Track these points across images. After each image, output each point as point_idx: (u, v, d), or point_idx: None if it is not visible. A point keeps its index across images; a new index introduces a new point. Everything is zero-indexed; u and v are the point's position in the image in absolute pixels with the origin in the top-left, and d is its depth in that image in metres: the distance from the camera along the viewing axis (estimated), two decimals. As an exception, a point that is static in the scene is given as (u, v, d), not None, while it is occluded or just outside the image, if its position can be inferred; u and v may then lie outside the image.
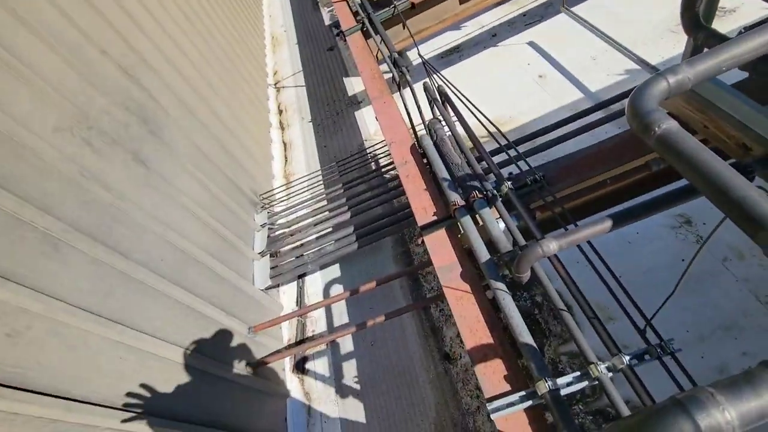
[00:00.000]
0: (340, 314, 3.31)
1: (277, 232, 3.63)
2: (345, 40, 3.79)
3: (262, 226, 3.59)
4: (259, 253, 3.36)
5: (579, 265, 1.71)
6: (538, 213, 2.08)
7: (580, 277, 1.70)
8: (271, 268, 3.25)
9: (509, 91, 4.58)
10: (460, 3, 4.25)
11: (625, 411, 1.26)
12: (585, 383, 1.35)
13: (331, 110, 5.55)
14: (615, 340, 1.43)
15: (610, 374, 1.33)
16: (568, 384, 1.37)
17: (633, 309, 1.49)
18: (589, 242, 1.75)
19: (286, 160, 4.99)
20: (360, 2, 3.95)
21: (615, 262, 2.07)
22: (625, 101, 1.08)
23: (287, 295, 3.52)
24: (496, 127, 2.39)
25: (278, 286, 3.44)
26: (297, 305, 3.40)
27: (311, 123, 5.47)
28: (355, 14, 3.88)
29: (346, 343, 3.16)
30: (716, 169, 0.72)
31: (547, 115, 4.10)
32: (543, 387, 1.34)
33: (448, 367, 2.82)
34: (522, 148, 2.87)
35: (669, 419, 0.53)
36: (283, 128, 5.57)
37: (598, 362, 1.35)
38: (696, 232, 2.99)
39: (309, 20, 7.78)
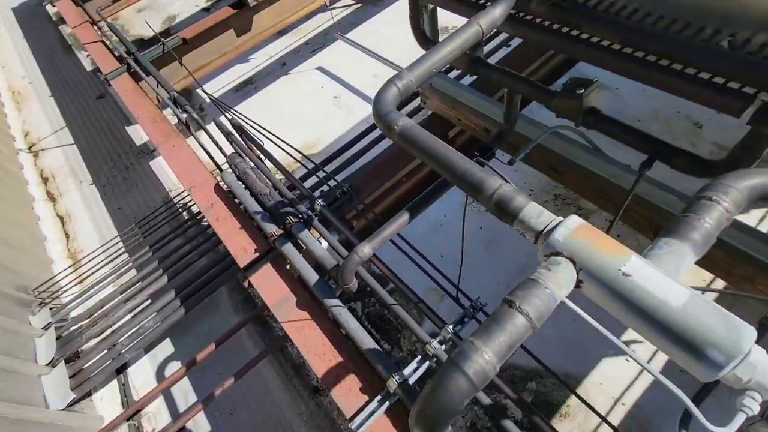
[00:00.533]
0: (185, 394, 2.81)
1: (71, 329, 2.85)
2: (110, 85, 3.28)
3: (45, 327, 2.77)
4: (48, 363, 2.57)
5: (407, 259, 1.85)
6: (354, 222, 2.18)
7: (412, 269, 1.83)
8: (71, 376, 2.53)
9: (311, 114, 4.77)
10: (238, 36, 4.21)
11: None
12: (427, 363, 1.45)
13: (119, 165, 4.74)
14: (446, 317, 1.59)
15: (443, 347, 1.47)
16: (414, 370, 1.45)
17: (446, 283, 1.69)
18: (399, 235, 1.91)
19: (68, 237, 4.01)
20: (120, 41, 3.48)
21: (434, 245, 2.34)
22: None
23: (106, 399, 2.79)
24: (298, 150, 2.42)
25: (89, 394, 2.70)
26: (123, 407, 2.74)
27: (94, 185, 4.55)
28: (118, 56, 3.41)
29: (201, 425, 2.70)
30: (442, 151, 0.83)
31: (349, 131, 4.42)
32: (393, 383, 1.38)
33: (320, 401, 2.70)
34: (331, 166, 3.00)
35: (448, 379, 0.59)
36: (53, 199, 4.47)
37: (431, 340, 1.46)
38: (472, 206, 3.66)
39: (62, 66, 6.51)
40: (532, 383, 2.65)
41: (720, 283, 2.69)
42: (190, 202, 3.79)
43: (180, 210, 3.80)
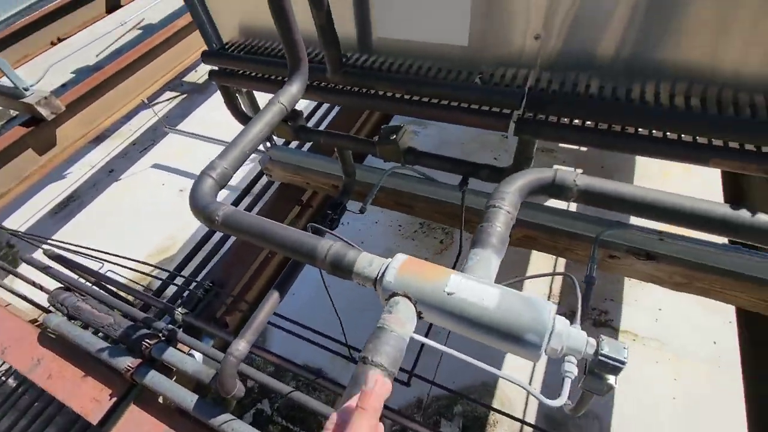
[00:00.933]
0: None
1: None
2: None
3: None
4: None
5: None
6: (228, 318, 1.99)
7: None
8: None
9: (158, 215, 4.34)
10: (41, 154, 3.67)
11: None
12: None
13: None
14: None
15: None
16: None
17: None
18: (278, 314, 1.81)
19: None
20: None
21: (325, 305, 2.27)
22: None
23: None
24: (141, 262, 2.15)
25: None
26: None
27: None
28: None
29: None
30: (269, 230, 0.83)
31: (206, 221, 4.14)
32: None
33: None
34: (192, 264, 2.73)
35: None
36: None
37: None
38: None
39: None
40: (458, 407, 2.70)
41: (545, 259, 3.22)
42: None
43: (2, 378, 2.95)
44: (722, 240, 1.36)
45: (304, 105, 4.53)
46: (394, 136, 1.53)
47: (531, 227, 1.79)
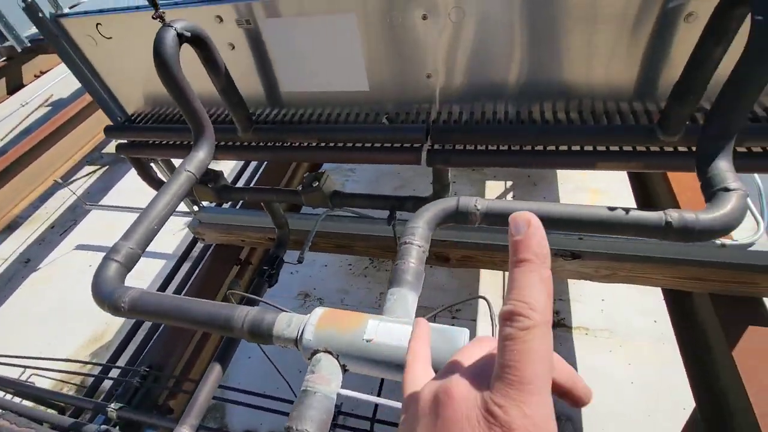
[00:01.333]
0: None
1: None
2: None
3: None
4: None
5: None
6: (171, 402, 1.82)
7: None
8: None
9: (87, 301, 3.96)
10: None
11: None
12: None
13: None
14: None
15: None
16: None
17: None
18: (224, 385, 1.69)
19: None
20: None
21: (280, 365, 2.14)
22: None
23: None
24: (68, 360, 1.93)
25: None
26: None
27: None
28: None
29: None
30: (181, 307, 0.78)
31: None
32: None
33: None
34: (130, 349, 2.50)
35: None
36: None
37: None
38: (317, 297, 3.65)
39: None
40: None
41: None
42: None
43: None
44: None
45: (233, 164, 4.45)
46: (317, 183, 1.55)
47: (467, 247, 1.86)
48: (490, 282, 3.38)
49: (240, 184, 2.55)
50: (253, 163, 3.03)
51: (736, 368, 1.48)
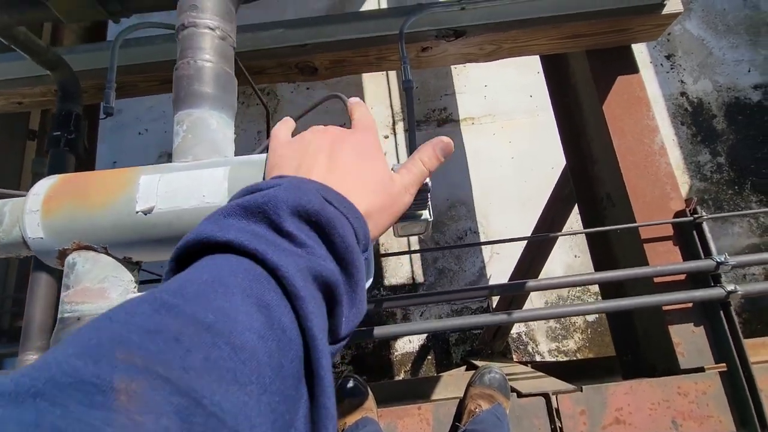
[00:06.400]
0: None
1: None
2: None
3: None
4: None
5: None
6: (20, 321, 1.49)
7: None
8: None
9: None
10: None
11: None
12: None
13: None
14: None
15: None
16: None
17: None
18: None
19: None
20: None
21: None
22: None
23: None
24: None
25: None
26: None
27: None
28: None
29: None
30: None
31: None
32: None
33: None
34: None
35: None
36: None
37: None
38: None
39: None
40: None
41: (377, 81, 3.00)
42: None
43: None
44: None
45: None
46: None
47: (335, 48, 1.47)
48: (375, 93, 3.10)
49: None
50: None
51: (603, 118, 1.54)
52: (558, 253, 2.65)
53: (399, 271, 2.76)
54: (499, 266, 2.71)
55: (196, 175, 0.40)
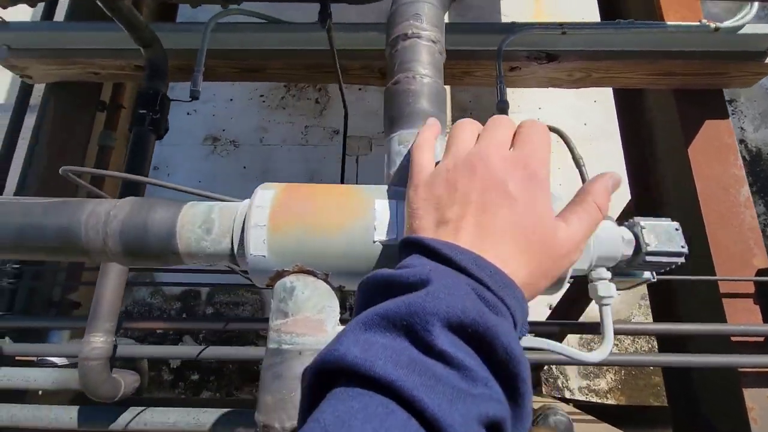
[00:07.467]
0: None
1: None
2: None
3: None
4: None
5: None
6: (74, 294, 1.46)
7: None
8: None
9: None
10: None
11: None
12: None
13: None
14: None
15: None
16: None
17: None
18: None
19: None
20: None
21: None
22: None
23: None
24: None
25: None
26: None
27: None
28: None
29: None
30: None
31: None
32: None
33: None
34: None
35: None
36: None
37: None
38: (230, 140, 3.09)
39: None
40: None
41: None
42: None
43: None
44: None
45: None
46: (189, -45, 0.90)
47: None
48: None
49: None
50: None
51: (688, 161, 1.48)
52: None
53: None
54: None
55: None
